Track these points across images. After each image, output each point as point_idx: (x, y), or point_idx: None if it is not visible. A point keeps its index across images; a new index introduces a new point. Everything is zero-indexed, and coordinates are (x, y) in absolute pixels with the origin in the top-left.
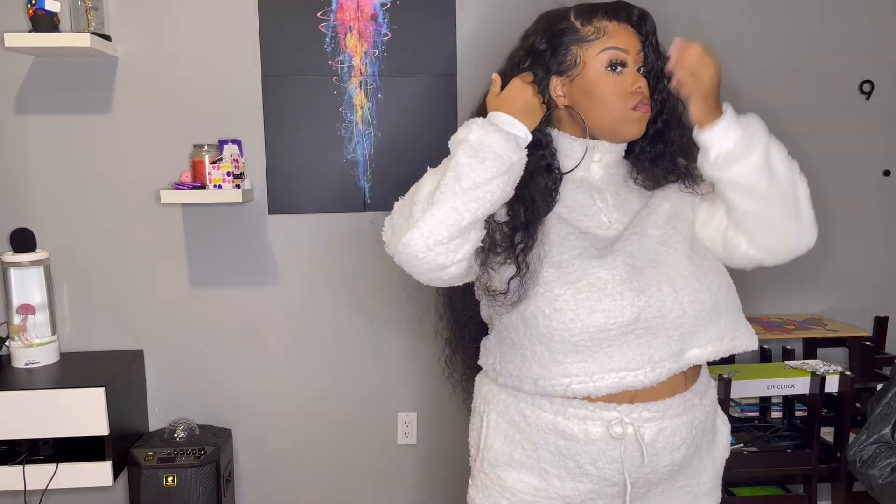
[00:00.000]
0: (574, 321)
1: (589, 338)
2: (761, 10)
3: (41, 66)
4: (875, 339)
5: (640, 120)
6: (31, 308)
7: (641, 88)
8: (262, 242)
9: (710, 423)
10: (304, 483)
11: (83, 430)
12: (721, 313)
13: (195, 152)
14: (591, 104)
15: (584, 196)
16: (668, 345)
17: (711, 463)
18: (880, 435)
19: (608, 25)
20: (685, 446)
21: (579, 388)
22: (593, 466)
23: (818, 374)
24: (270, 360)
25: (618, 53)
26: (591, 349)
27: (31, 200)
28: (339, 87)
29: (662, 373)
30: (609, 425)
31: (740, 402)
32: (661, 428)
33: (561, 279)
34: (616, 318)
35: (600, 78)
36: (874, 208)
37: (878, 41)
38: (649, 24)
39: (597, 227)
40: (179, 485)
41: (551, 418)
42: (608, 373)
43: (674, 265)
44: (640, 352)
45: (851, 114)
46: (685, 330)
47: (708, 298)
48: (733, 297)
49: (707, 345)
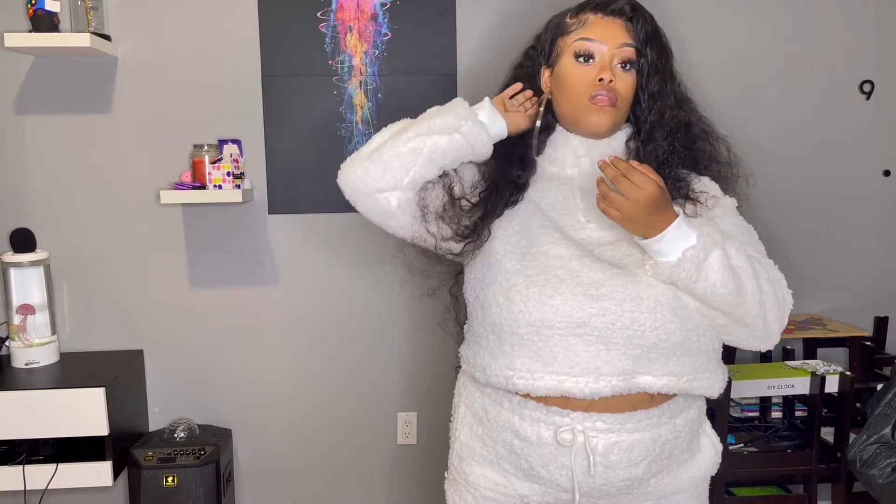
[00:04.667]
0: (522, 312)
1: (535, 331)
2: (761, 10)
3: (41, 66)
4: (875, 339)
5: (597, 112)
6: (31, 308)
7: (605, 81)
8: (262, 242)
9: (685, 443)
10: (304, 483)
11: (83, 430)
12: (689, 351)
13: (195, 152)
14: (559, 93)
15: (565, 194)
16: (619, 361)
17: (688, 482)
18: (880, 435)
19: (590, 17)
20: (646, 463)
21: (519, 384)
22: (544, 469)
23: (818, 374)
24: (270, 360)
25: (585, 44)
26: (536, 344)
27: (31, 200)
28: (339, 87)
29: (607, 387)
30: (558, 431)
31: (740, 402)
32: (617, 441)
33: (520, 271)
34: (563, 316)
35: (568, 67)
36: (874, 208)
37: (878, 41)
38: (643, 19)
39: (571, 226)
40: (179, 485)
41: (508, 416)
42: (549, 374)
43: (652, 288)
44: (587, 359)
45: (851, 114)
46: (641, 353)
47: (677, 331)
48: (710, 338)
49: (662, 377)
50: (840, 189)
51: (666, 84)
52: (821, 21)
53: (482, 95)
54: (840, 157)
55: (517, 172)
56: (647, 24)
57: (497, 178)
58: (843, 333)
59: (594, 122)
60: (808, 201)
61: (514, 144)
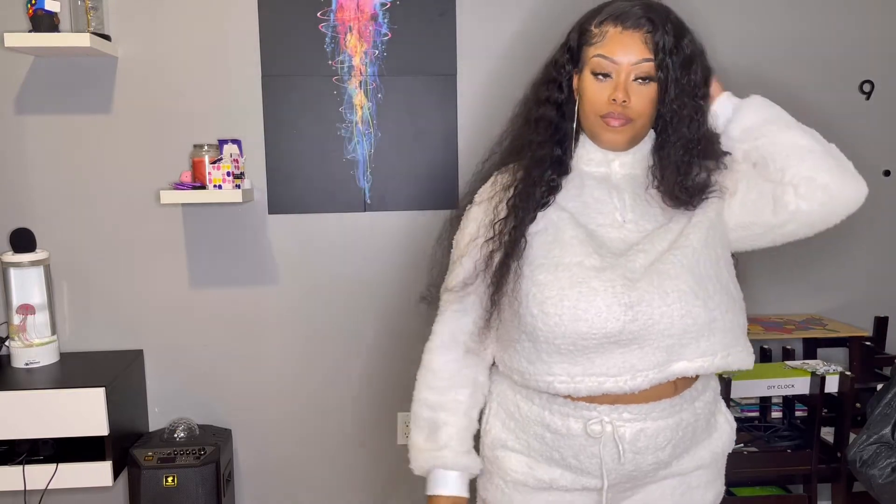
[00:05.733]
0: (558, 325)
1: (571, 343)
2: (761, 10)
3: (41, 66)
4: (875, 339)
5: (611, 132)
6: (31, 308)
7: (617, 101)
8: (262, 242)
9: (704, 423)
10: (304, 483)
11: (83, 430)
12: (716, 329)
13: (195, 152)
14: (581, 105)
15: (603, 193)
16: (653, 355)
17: (709, 457)
18: (880, 435)
19: (610, 31)
20: (671, 446)
21: (561, 388)
22: (575, 459)
23: (818, 374)
24: (270, 360)
25: (601, 62)
26: (573, 353)
27: (31, 200)
28: (339, 87)
29: (644, 381)
30: (587, 423)
31: (740, 403)
32: (643, 428)
33: (554, 283)
34: (599, 328)
35: (588, 82)
36: (874, 208)
37: (878, 41)
38: (664, 30)
39: (609, 225)
40: (179, 485)
41: (539, 411)
42: (589, 376)
43: (672, 277)
44: (623, 360)
45: (851, 114)
46: (673, 342)
47: (702, 313)
48: (736, 315)
49: (696, 359)
50: None
51: (686, 98)
52: (821, 21)
53: (482, 94)
54: None
55: (552, 175)
56: (667, 36)
57: (527, 181)
58: (843, 333)
59: (609, 140)
60: None
61: (549, 147)
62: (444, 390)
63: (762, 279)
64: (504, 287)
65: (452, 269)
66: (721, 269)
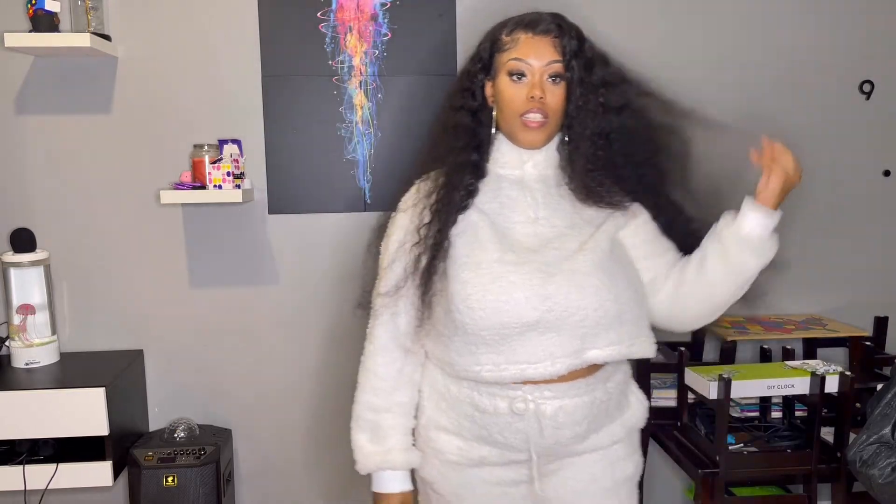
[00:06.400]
0: (483, 318)
1: (495, 333)
2: (761, 10)
3: (41, 66)
4: (875, 339)
5: (530, 132)
6: (31, 308)
7: (535, 98)
8: (262, 242)
9: (616, 401)
10: (305, 483)
11: (83, 430)
12: (625, 321)
13: (195, 152)
14: (498, 108)
15: (517, 193)
16: (570, 343)
17: (623, 432)
18: (880, 435)
19: (522, 37)
20: (587, 421)
21: (488, 376)
22: (501, 436)
23: (818, 374)
24: (270, 360)
25: (517, 64)
26: (497, 342)
27: (31, 200)
28: (339, 87)
29: (562, 367)
30: (512, 402)
31: (740, 403)
32: (562, 405)
33: (476, 280)
34: (518, 318)
35: (504, 85)
36: (874, 208)
37: (878, 41)
38: (569, 36)
39: (524, 222)
40: (179, 485)
41: (468, 393)
42: (513, 364)
43: (587, 274)
44: (542, 348)
45: (851, 114)
46: (586, 331)
47: (612, 307)
48: (639, 307)
49: (606, 347)
50: (840, 189)
51: (590, 96)
52: (821, 21)
53: None
54: (840, 157)
55: (469, 180)
56: (572, 41)
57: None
58: (843, 333)
59: (528, 140)
60: (808, 201)
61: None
62: (387, 393)
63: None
64: (432, 287)
65: (384, 275)
66: (626, 267)
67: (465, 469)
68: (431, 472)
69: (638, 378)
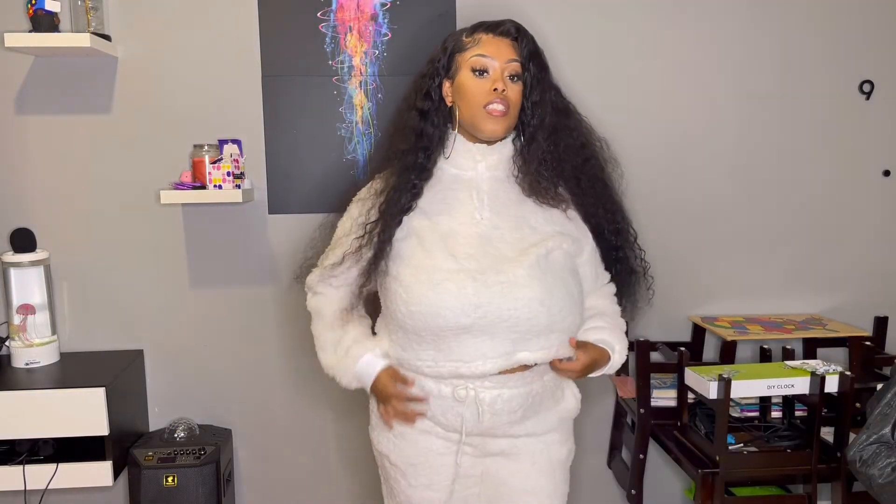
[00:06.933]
0: (420, 320)
1: (433, 334)
2: (761, 10)
3: (41, 66)
4: (875, 339)
5: (493, 121)
6: (31, 308)
7: (498, 90)
8: (262, 242)
9: (551, 393)
10: (304, 483)
11: (83, 430)
12: (554, 330)
13: (195, 152)
14: (460, 102)
15: (464, 194)
16: (501, 346)
17: (558, 421)
18: (880, 435)
19: (483, 37)
20: (522, 409)
21: (427, 371)
22: (443, 416)
23: (818, 374)
24: (270, 359)
25: (481, 60)
26: (436, 342)
27: (31, 200)
28: (339, 87)
29: (493, 367)
30: (455, 389)
31: (740, 402)
32: (499, 394)
33: (415, 284)
34: (453, 322)
35: (467, 79)
36: (874, 208)
37: (878, 41)
38: (526, 39)
39: (468, 223)
40: (179, 485)
41: (417, 376)
42: (449, 361)
43: (522, 286)
44: (475, 348)
45: (851, 114)
46: (517, 337)
47: (543, 318)
48: (575, 317)
49: (536, 351)
50: (839, 189)
51: (545, 94)
52: (821, 21)
53: None
54: (839, 158)
55: (415, 181)
56: (529, 44)
57: (396, 188)
58: (843, 333)
59: (490, 128)
60: (808, 201)
61: (413, 155)
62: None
63: (762, 279)
64: (372, 280)
65: (329, 251)
66: (567, 277)
67: (411, 436)
68: (386, 444)
69: (638, 378)
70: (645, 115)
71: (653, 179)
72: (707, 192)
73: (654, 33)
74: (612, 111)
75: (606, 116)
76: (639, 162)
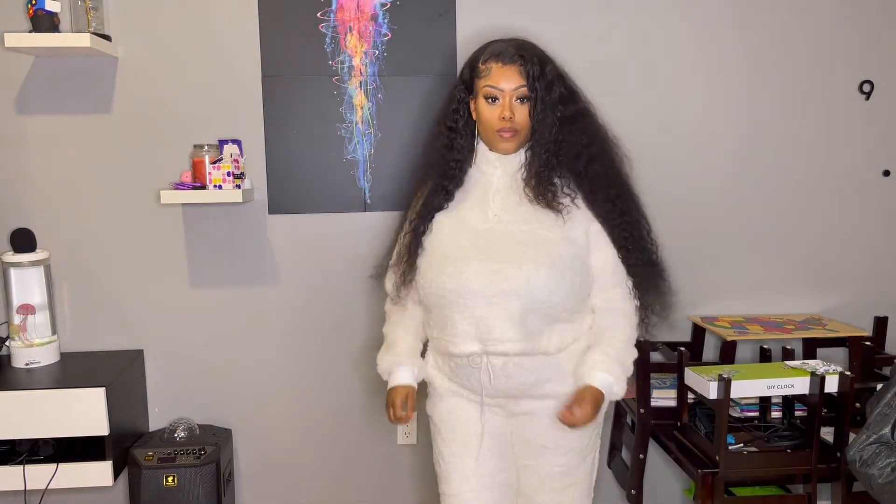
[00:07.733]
0: (426, 299)
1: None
2: (761, 10)
3: (41, 66)
4: (875, 339)
5: (504, 142)
6: (31, 308)
7: (506, 118)
8: (262, 242)
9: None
10: (304, 483)
11: (83, 430)
12: (555, 316)
13: (195, 152)
14: (479, 123)
15: (485, 192)
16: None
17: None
18: (880, 435)
19: (493, 67)
20: (534, 376)
21: (454, 350)
22: (467, 380)
23: (818, 374)
24: (270, 359)
25: (491, 90)
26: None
27: (31, 200)
28: (339, 87)
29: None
30: (470, 358)
31: (740, 402)
32: (508, 360)
33: (437, 269)
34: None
35: (482, 106)
36: (874, 208)
37: (878, 41)
38: (531, 63)
39: (484, 219)
40: (179, 485)
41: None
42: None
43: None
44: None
45: (851, 114)
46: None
47: (516, 313)
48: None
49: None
50: (839, 189)
51: (547, 112)
52: (821, 21)
53: None
54: (839, 157)
55: (448, 186)
56: (535, 66)
57: (433, 191)
58: (842, 333)
59: (503, 147)
60: (808, 201)
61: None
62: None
63: (762, 279)
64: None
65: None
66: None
67: (447, 397)
68: (431, 407)
69: (638, 378)
70: (644, 115)
71: (652, 179)
72: (707, 192)
73: (654, 33)
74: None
75: (605, 117)
76: (638, 162)
